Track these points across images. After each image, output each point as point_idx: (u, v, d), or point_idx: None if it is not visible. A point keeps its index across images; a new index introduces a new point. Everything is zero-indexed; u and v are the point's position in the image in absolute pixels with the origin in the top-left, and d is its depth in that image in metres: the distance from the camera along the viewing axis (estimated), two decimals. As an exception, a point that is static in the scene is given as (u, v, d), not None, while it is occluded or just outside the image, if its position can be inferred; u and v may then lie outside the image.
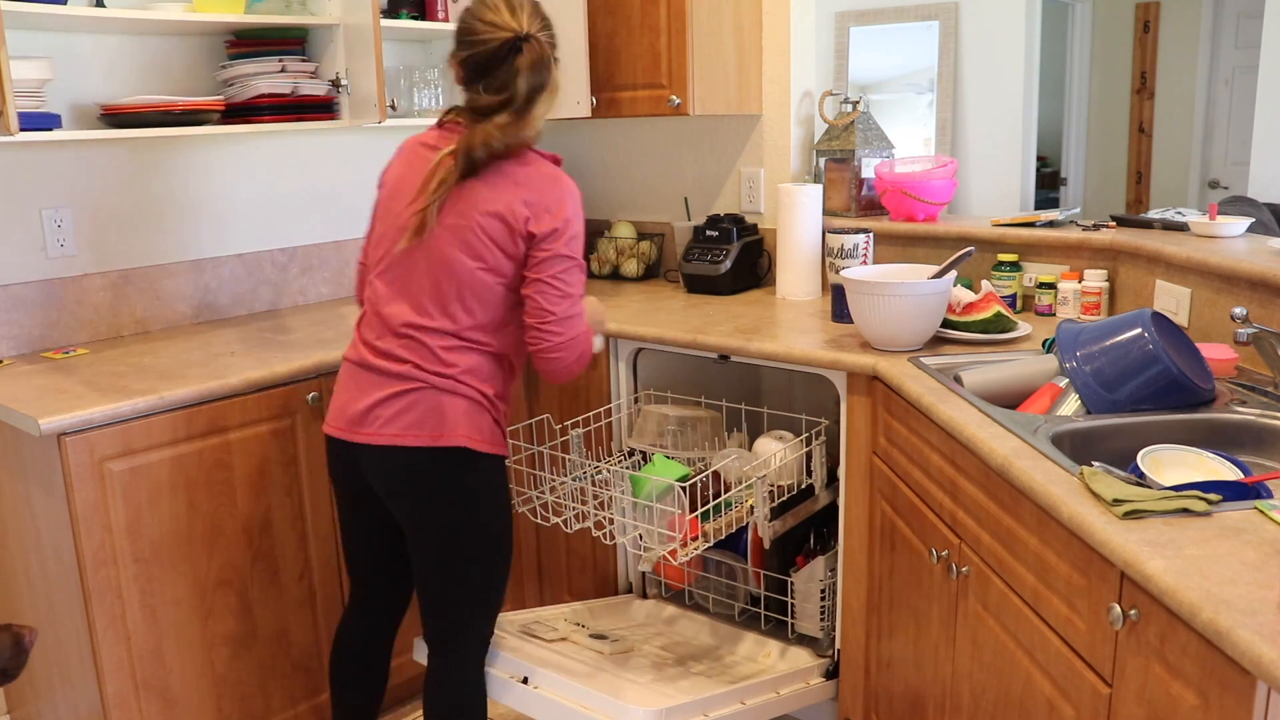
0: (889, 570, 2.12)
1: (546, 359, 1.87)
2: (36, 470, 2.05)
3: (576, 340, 1.87)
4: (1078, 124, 6.36)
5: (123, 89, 2.56)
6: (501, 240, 1.82)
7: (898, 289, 2.09)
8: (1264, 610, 1.04)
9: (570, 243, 1.85)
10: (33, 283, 2.46)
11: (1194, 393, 1.72)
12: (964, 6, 2.91)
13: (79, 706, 2.16)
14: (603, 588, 2.75)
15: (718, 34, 2.78)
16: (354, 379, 1.89)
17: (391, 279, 1.87)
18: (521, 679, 1.98)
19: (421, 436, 1.83)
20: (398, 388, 1.84)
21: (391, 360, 1.85)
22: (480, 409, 1.87)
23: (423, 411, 1.83)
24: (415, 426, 1.83)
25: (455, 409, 1.84)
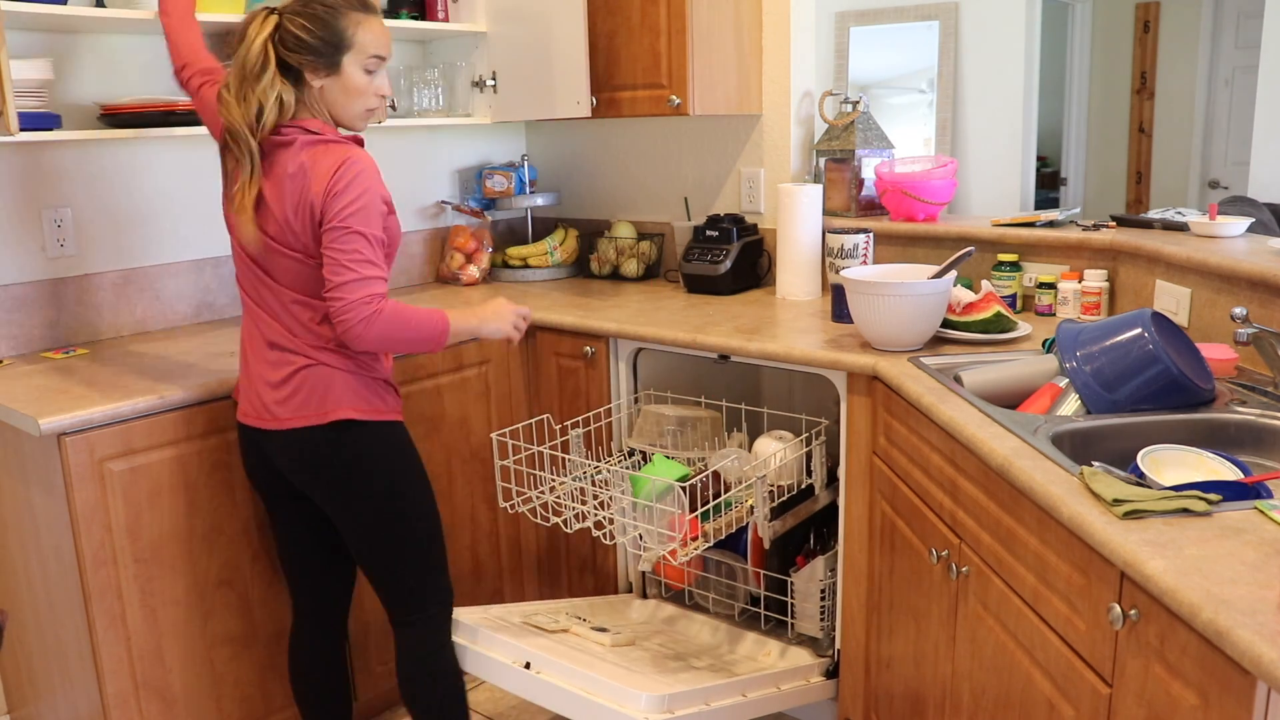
0: (889, 570, 2.12)
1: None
2: (36, 470, 2.05)
3: (360, 322, 1.83)
4: (1078, 124, 6.36)
5: (123, 89, 2.56)
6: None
7: (898, 289, 2.09)
8: (1264, 610, 1.04)
9: (350, 212, 1.85)
10: (33, 283, 2.46)
11: (1194, 393, 1.72)
12: (964, 6, 2.91)
13: (79, 706, 2.16)
14: (603, 588, 2.75)
15: (718, 34, 2.78)
16: None
17: None
18: (524, 664, 1.99)
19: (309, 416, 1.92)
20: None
21: None
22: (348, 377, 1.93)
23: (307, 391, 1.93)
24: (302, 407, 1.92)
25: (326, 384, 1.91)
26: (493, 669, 2.03)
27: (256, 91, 1.84)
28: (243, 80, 1.84)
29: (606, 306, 2.78)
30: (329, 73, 1.88)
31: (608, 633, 2.27)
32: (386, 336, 1.84)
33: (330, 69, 1.88)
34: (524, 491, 2.32)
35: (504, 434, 2.30)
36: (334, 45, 1.86)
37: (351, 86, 1.90)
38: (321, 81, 1.88)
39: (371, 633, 2.54)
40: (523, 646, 2.02)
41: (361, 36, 1.88)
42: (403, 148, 3.22)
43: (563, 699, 1.93)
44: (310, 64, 1.86)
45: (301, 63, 1.86)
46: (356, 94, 1.91)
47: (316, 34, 1.84)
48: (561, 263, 3.31)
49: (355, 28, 1.88)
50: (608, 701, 1.88)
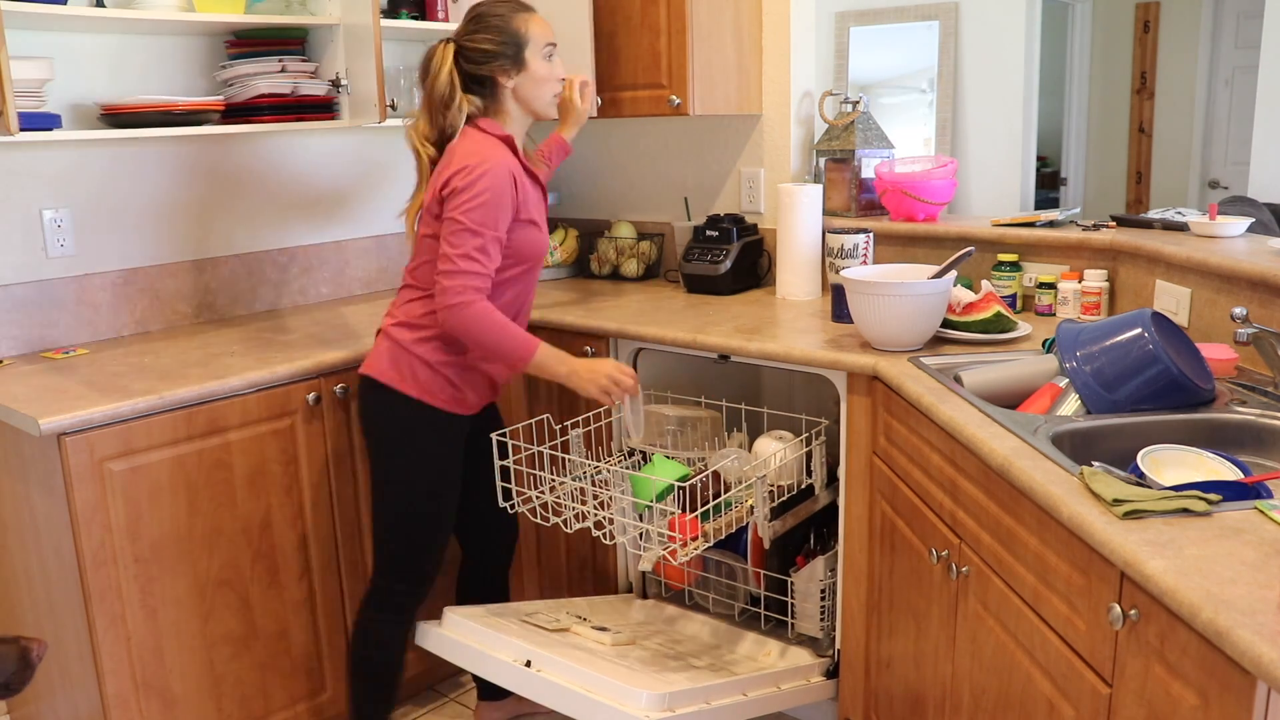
0: (889, 570, 2.12)
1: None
2: (36, 470, 2.05)
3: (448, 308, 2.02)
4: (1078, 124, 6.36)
5: (123, 89, 2.56)
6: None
7: (898, 289, 2.09)
8: (1264, 610, 1.04)
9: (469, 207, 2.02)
10: (33, 283, 2.46)
11: (1194, 393, 1.72)
12: (964, 6, 2.90)
13: (79, 706, 2.16)
14: (603, 588, 2.75)
15: (718, 34, 2.78)
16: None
17: None
18: (524, 663, 1.99)
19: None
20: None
21: None
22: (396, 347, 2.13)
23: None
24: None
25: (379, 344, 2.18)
26: (493, 667, 2.03)
27: (448, 117, 2.11)
28: (432, 109, 2.12)
29: (606, 306, 2.78)
30: (517, 70, 2.12)
31: (608, 632, 2.27)
32: (468, 331, 2.01)
33: (518, 66, 2.11)
34: (524, 491, 2.32)
35: (504, 434, 2.30)
36: (516, 44, 2.11)
37: (539, 76, 2.14)
38: (513, 81, 2.12)
39: (371, 633, 2.54)
40: (523, 645, 2.02)
41: (534, 30, 2.13)
42: (402, 147, 3.22)
43: (563, 697, 1.93)
44: (500, 68, 2.11)
45: (493, 70, 2.11)
46: (544, 81, 2.15)
47: (499, 40, 2.10)
48: (561, 263, 3.31)
49: (526, 25, 2.12)
50: (608, 700, 1.88)
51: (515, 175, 2.06)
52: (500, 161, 2.03)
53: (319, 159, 3.00)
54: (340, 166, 3.06)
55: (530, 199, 2.13)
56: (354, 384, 2.39)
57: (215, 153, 2.77)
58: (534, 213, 2.13)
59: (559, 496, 2.29)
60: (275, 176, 2.91)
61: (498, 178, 2.01)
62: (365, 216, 3.15)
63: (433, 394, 2.13)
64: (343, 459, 2.41)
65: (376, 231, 3.18)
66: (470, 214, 1.99)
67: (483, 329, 2.00)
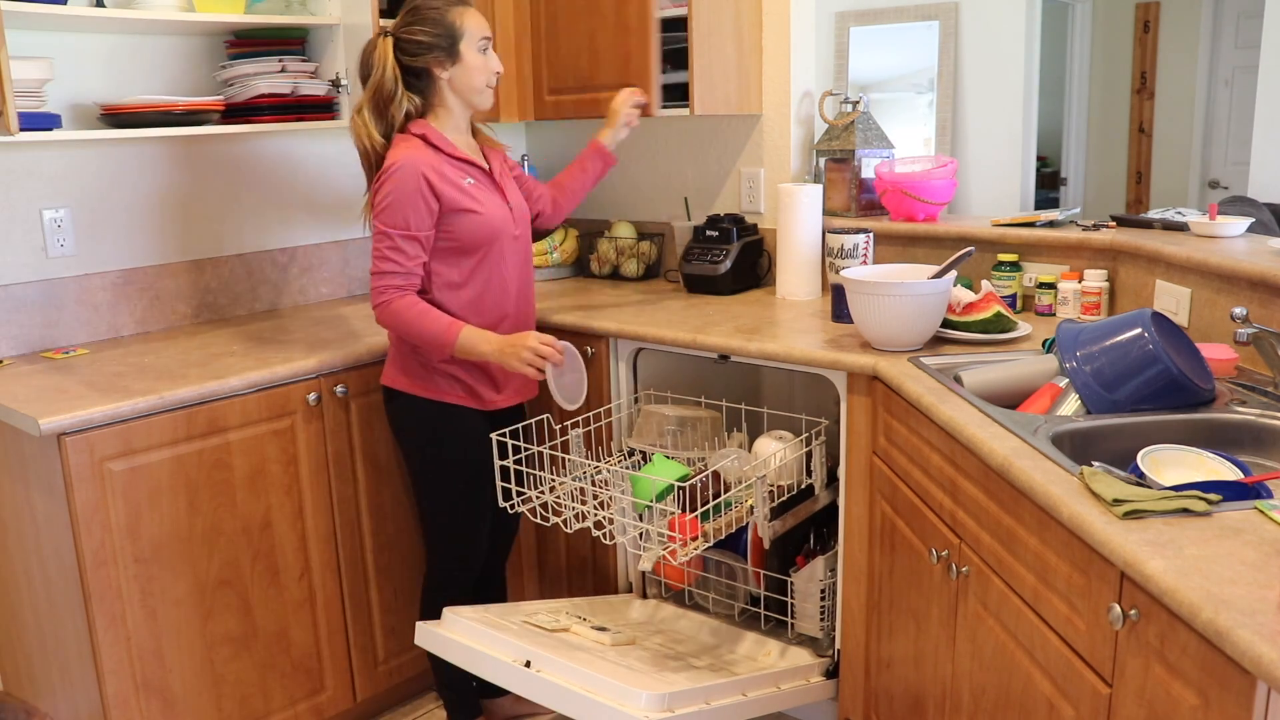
0: (889, 570, 2.12)
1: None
2: (36, 470, 2.05)
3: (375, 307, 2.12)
4: (1078, 124, 6.35)
5: (123, 89, 2.56)
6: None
7: (898, 289, 2.09)
8: (1264, 610, 1.04)
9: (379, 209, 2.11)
10: (33, 283, 2.46)
11: (1194, 393, 1.72)
12: (964, 6, 2.90)
13: (79, 706, 2.16)
14: (603, 588, 2.75)
15: (718, 34, 2.78)
16: None
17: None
18: (524, 663, 1.99)
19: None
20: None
21: None
22: (400, 354, 2.24)
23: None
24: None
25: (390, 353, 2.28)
26: (493, 667, 2.03)
27: (392, 109, 2.15)
28: (378, 103, 2.15)
29: (606, 306, 2.78)
30: (452, 62, 2.15)
31: (608, 632, 2.27)
32: (395, 326, 2.11)
33: (452, 58, 2.15)
34: (524, 491, 2.32)
35: (504, 434, 2.30)
36: (450, 37, 2.14)
37: (473, 67, 2.17)
38: (448, 73, 2.16)
39: (376, 631, 2.54)
40: (523, 645, 2.02)
41: (469, 24, 2.17)
42: (403, 148, 3.22)
43: (563, 697, 1.93)
44: (435, 60, 2.14)
45: (428, 62, 2.14)
46: (478, 72, 2.18)
47: (433, 33, 2.13)
48: (561, 263, 3.31)
49: (462, 18, 2.16)
50: (608, 700, 1.88)
51: (428, 171, 2.09)
52: (408, 160, 2.08)
53: (319, 159, 3.00)
54: (340, 166, 3.06)
55: (460, 187, 2.15)
56: (353, 384, 2.40)
57: (215, 153, 2.77)
58: (467, 200, 2.15)
59: (559, 496, 2.29)
60: (275, 176, 2.91)
61: (403, 178, 2.07)
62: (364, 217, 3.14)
63: (445, 393, 2.22)
64: (343, 459, 2.41)
65: (376, 231, 3.18)
66: (380, 216, 2.09)
67: (403, 322, 2.09)
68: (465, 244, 2.16)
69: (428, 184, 2.09)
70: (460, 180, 2.16)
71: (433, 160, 2.12)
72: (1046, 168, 6.30)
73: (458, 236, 2.15)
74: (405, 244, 2.08)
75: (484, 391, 2.26)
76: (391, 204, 2.07)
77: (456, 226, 2.14)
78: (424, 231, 2.10)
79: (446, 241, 2.15)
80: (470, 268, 2.19)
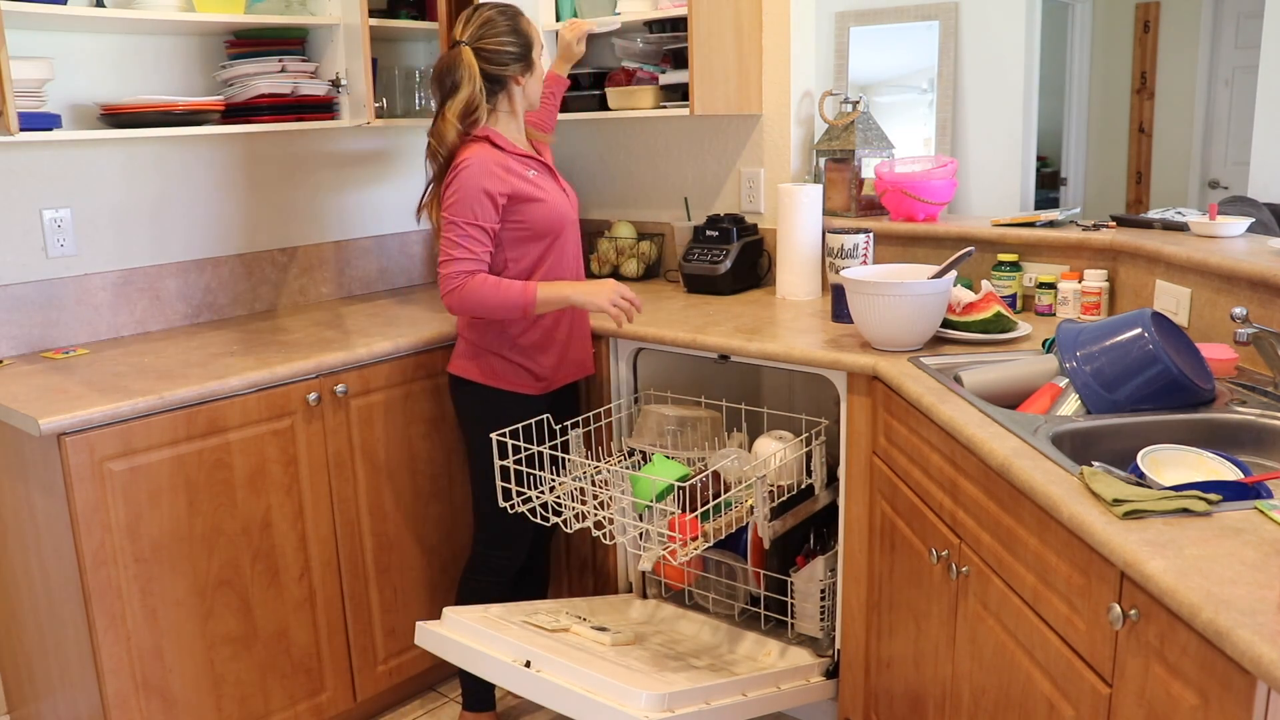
0: (889, 570, 2.12)
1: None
2: (36, 470, 2.05)
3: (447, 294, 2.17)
4: (1078, 124, 6.35)
5: (123, 89, 2.56)
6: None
7: (898, 289, 2.09)
8: (1264, 610, 1.04)
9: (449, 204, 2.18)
10: (33, 283, 2.46)
11: (1194, 393, 1.72)
12: (964, 6, 2.90)
13: (79, 706, 2.16)
14: (603, 588, 2.75)
15: (718, 34, 2.78)
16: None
17: None
18: (524, 663, 1.99)
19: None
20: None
21: None
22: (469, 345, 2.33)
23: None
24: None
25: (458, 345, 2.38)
26: (493, 668, 2.03)
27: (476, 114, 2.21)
28: (464, 114, 2.20)
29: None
30: (527, 69, 2.26)
31: (608, 632, 2.27)
32: (471, 306, 2.16)
33: (529, 67, 2.26)
34: (524, 491, 2.32)
35: (503, 434, 2.30)
36: (527, 47, 2.25)
37: (540, 74, 2.31)
38: (525, 79, 2.27)
39: (376, 631, 2.54)
40: (523, 645, 2.02)
41: (534, 32, 2.28)
42: (403, 148, 3.22)
43: (563, 697, 1.93)
44: (516, 69, 2.24)
45: (511, 72, 2.24)
46: (541, 78, 2.32)
47: (516, 43, 2.22)
48: (561, 263, 3.31)
49: (530, 27, 2.27)
50: (608, 700, 1.88)
51: (495, 167, 2.19)
52: (477, 157, 2.18)
53: (319, 159, 3.00)
54: (340, 166, 3.06)
55: (527, 179, 2.25)
56: (353, 384, 2.40)
57: (215, 153, 2.77)
58: (536, 191, 2.25)
59: (559, 496, 2.29)
60: (275, 176, 2.91)
61: (472, 173, 2.16)
62: (365, 216, 3.15)
63: (512, 381, 2.32)
64: (343, 459, 2.41)
65: (376, 231, 3.18)
66: (451, 209, 2.17)
67: (481, 298, 2.15)
68: (538, 229, 2.25)
69: (496, 178, 2.18)
70: (525, 173, 2.25)
71: (499, 157, 2.21)
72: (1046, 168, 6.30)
73: (530, 224, 2.24)
74: (474, 232, 2.16)
75: (548, 370, 2.36)
76: (461, 198, 2.15)
77: (528, 215, 2.23)
78: (491, 223, 2.18)
79: (519, 229, 2.23)
80: (541, 251, 2.28)
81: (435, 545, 2.65)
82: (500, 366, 2.31)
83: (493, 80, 2.23)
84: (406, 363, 2.51)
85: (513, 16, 2.24)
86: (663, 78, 2.93)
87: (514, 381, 2.33)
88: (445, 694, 2.77)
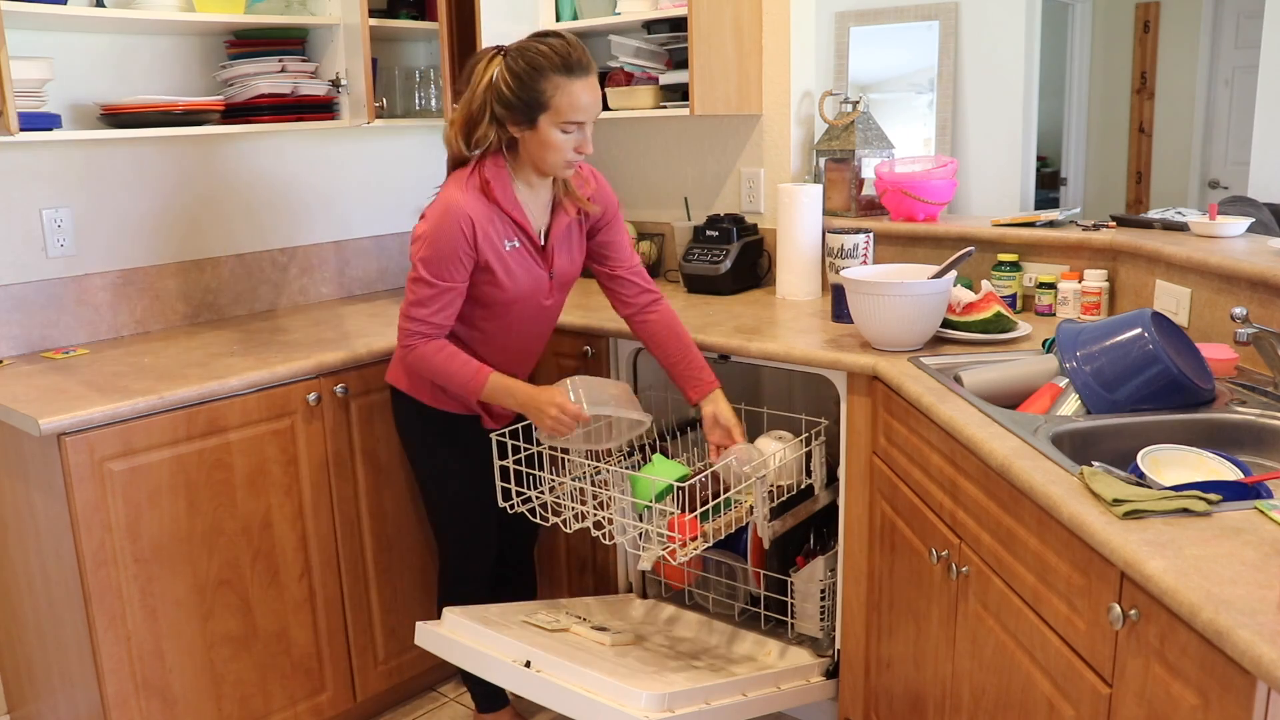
0: (889, 570, 2.12)
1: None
2: (36, 470, 2.05)
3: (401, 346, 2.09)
4: (1078, 124, 6.35)
5: (123, 89, 2.56)
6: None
7: (898, 289, 2.09)
8: (1264, 610, 1.04)
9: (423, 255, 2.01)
10: (33, 283, 2.46)
11: (1194, 393, 1.72)
12: (964, 6, 2.90)
13: (79, 706, 2.16)
14: (603, 588, 2.75)
15: (718, 34, 2.78)
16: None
17: None
18: (524, 663, 1.99)
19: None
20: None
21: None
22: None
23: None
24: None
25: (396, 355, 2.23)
26: (493, 668, 2.03)
27: (476, 134, 2.01)
28: (467, 122, 2.02)
29: (606, 306, 2.77)
30: (527, 127, 1.98)
31: (608, 632, 2.27)
32: (420, 368, 2.08)
33: (529, 125, 1.98)
34: (524, 491, 2.32)
35: (503, 434, 2.30)
36: (530, 105, 1.95)
37: (547, 143, 1.99)
38: (521, 133, 2.00)
39: (376, 631, 2.54)
40: (523, 645, 2.02)
41: (559, 100, 1.95)
42: (403, 148, 3.22)
43: (563, 697, 1.93)
44: (509, 118, 1.98)
45: (503, 116, 1.99)
46: (552, 150, 2.00)
47: (517, 94, 1.95)
48: (561, 263, 3.31)
49: (555, 91, 1.94)
50: (608, 700, 1.88)
51: (475, 224, 1.99)
52: (458, 208, 1.98)
53: (319, 159, 3.00)
54: (340, 166, 3.06)
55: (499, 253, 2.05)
56: (353, 384, 2.40)
57: (216, 153, 2.77)
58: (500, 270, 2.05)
59: (558, 496, 2.29)
60: (275, 176, 2.91)
61: (449, 227, 1.98)
62: (365, 216, 3.15)
63: (445, 402, 2.21)
64: (343, 459, 2.41)
65: (376, 231, 3.18)
66: (424, 262, 2.01)
67: (433, 365, 2.07)
68: (482, 299, 2.11)
69: (471, 238, 2.00)
70: (500, 243, 2.05)
71: (485, 212, 2.02)
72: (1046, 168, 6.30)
73: (479, 296, 2.10)
74: (443, 296, 2.02)
75: (498, 411, 2.29)
76: (435, 254, 1.99)
77: (479, 282, 2.07)
78: (461, 283, 2.04)
79: (471, 289, 2.08)
80: (485, 314, 2.14)
81: (435, 545, 2.65)
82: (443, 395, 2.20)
83: (508, 107, 1.98)
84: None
85: (544, 67, 1.94)
86: (663, 78, 2.93)
87: (436, 397, 2.21)
88: (445, 694, 2.77)
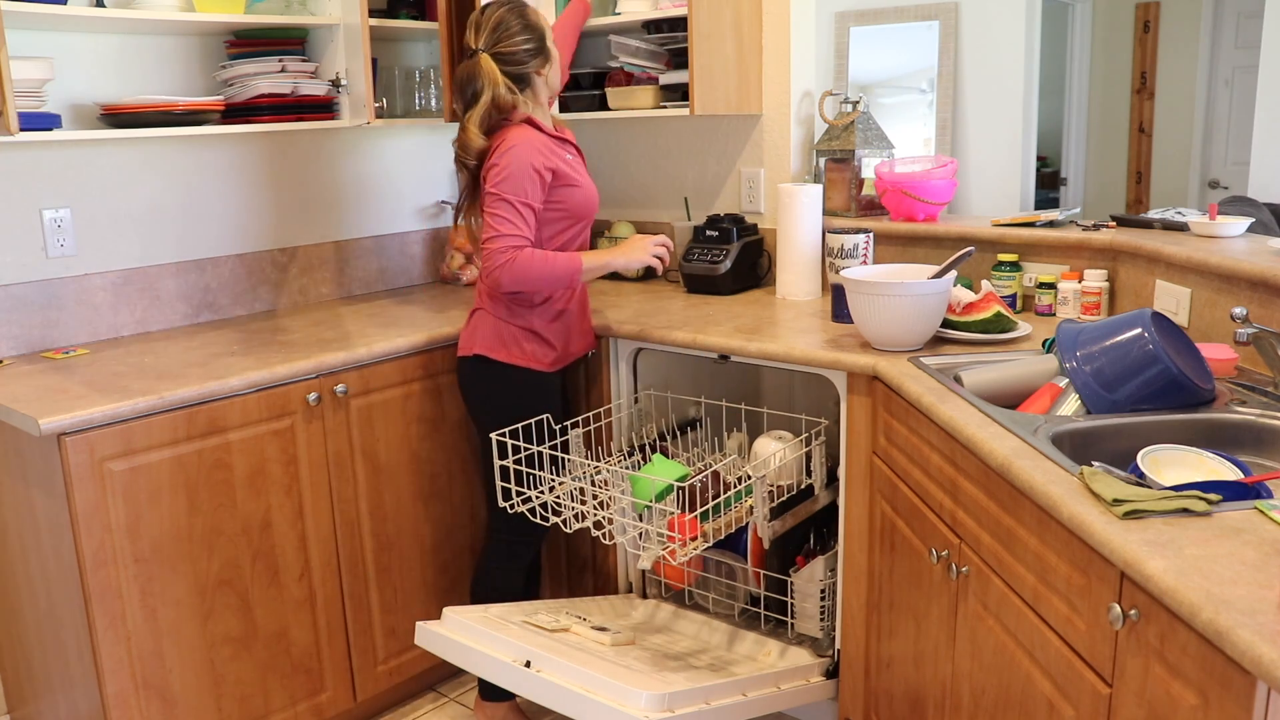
0: (889, 570, 2.12)
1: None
2: (36, 470, 2.05)
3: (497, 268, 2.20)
4: (1078, 124, 6.35)
5: (123, 89, 2.56)
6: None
7: (898, 289, 2.09)
8: (1264, 610, 1.04)
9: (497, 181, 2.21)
10: (33, 283, 2.46)
11: (1194, 393, 1.72)
12: (964, 6, 2.90)
13: (79, 706, 2.16)
14: (603, 588, 2.75)
15: (718, 34, 2.78)
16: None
17: None
18: (524, 663, 1.99)
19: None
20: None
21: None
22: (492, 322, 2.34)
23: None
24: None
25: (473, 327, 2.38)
26: (493, 668, 2.04)
27: (511, 114, 2.27)
28: (490, 114, 2.25)
29: (606, 306, 2.78)
30: (546, 60, 2.31)
31: (608, 632, 2.27)
32: (521, 279, 2.20)
33: (547, 58, 2.31)
34: (524, 491, 2.32)
35: (503, 433, 2.30)
36: (542, 38, 2.29)
37: (556, 59, 2.35)
38: (546, 70, 2.32)
39: (376, 631, 2.54)
40: (523, 645, 2.02)
41: (543, 20, 2.31)
42: (403, 148, 3.22)
43: (563, 697, 1.93)
44: (537, 64, 2.29)
45: (531, 68, 2.28)
46: (558, 62, 2.37)
47: (534, 39, 2.27)
48: (561, 263, 3.31)
49: (537, 16, 2.30)
50: (608, 700, 1.88)
51: (542, 149, 2.24)
52: (524, 140, 2.23)
53: (319, 159, 3.00)
54: (340, 166, 3.06)
55: (566, 163, 2.31)
56: (353, 384, 2.40)
57: (215, 153, 2.77)
58: (574, 175, 2.32)
59: (559, 496, 2.29)
60: (275, 176, 2.91)
61: (521, 154, 2.20)
62: (365, 216, 3.15)
63: (529, 356, 2.35)
64: (343, 459, 2.41)
65: (376, 231, 3.18)
66: (500, 185, 2.20)
67: (530, 272, 2.20)
68: (574, 213, 2.32)
69: (543, 156, 2.23)
70: (565, 156, 2.32)
71: (543, 139, 2.28)
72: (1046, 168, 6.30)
73: (567, 207, 2.30)
74: (523, 211, 2.20)
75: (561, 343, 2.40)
76: (510, 174, 2.19)
77: (566, 198, 2.29)
78: (538, 202, 2.23)
79: (556, 210, 2.29)
80: (573, 234, 2.35)
81: (435, 545, 2.65)
82: (521, 340, 2.34)
83: (517, 79, 2.27)
84: (406, 363, 2.51)
85: (521, 12, 2.26)
86: (663, 78, 2.93)
87: (533, 357, 2.35)
88: (445, 694, 2.77)
